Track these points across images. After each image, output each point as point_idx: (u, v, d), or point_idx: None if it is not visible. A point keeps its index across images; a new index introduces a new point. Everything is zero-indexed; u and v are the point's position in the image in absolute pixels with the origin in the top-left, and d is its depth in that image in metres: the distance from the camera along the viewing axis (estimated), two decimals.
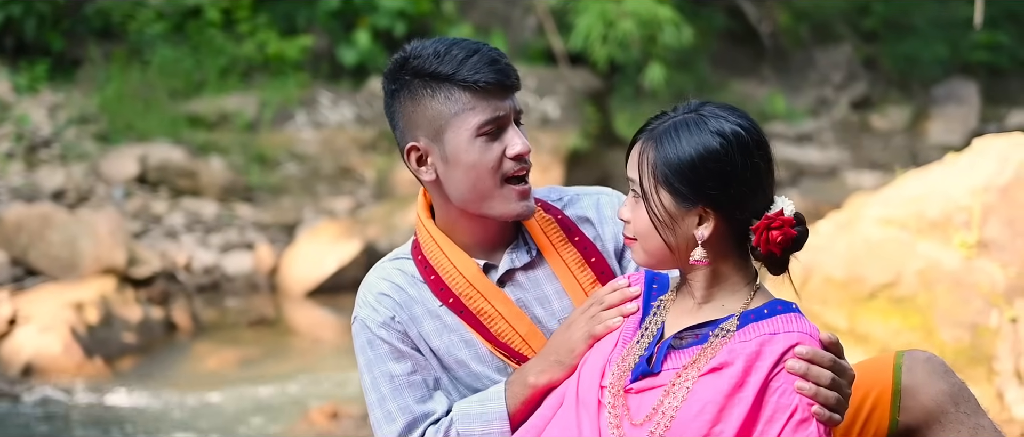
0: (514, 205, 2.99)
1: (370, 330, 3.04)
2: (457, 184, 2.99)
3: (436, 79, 2.95)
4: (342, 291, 11.12)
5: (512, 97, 3.00)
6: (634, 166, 2.74)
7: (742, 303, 2.73)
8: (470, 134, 2.95)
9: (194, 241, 11.71)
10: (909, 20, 19.82)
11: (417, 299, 3.06)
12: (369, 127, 14.77)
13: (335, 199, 13.37)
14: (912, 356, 2.95)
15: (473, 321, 3.04)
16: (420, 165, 3.03)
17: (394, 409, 3.00)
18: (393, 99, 3.05)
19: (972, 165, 6.83)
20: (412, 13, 16.01)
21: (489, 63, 2.94)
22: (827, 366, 2.64)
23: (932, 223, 6.61)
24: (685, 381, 2.66)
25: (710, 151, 2.67)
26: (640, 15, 14.24)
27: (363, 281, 3.12)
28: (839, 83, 19.19)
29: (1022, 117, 18.42)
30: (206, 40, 15.04)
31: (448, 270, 3.05)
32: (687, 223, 2.71)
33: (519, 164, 2.98)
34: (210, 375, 8.93)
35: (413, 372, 3.02)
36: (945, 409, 2.90)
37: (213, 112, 14.21)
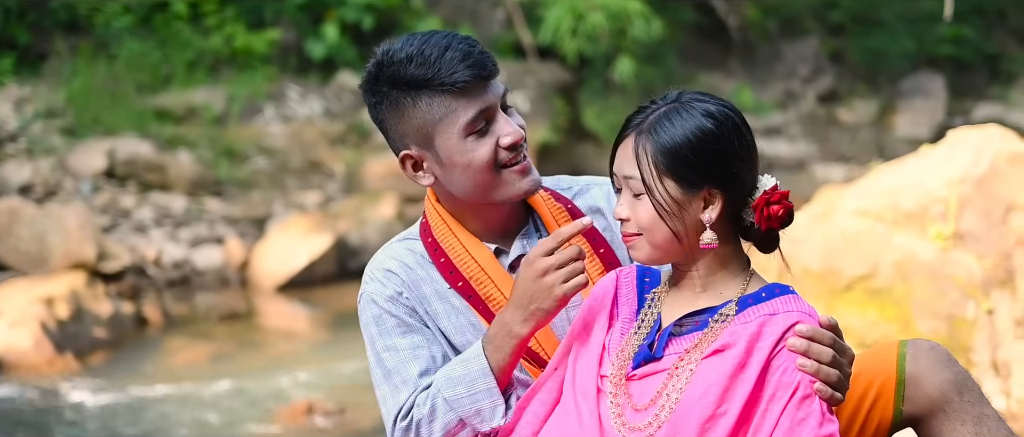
0: (518, 184, 2.97)
1: (377, 304, 3.01)
2: (457, 183, 2.99)
3: (413, 87, 2.92)
4: (313, 285, 11.09)
5: (493, 84, 2.95)
6: (630, 162, 2.74)
7: (739, 289, 2.75)
8: (459, 135, 2.93)
9: (163, 235, 11.64)
10: (876, 14, 19.90)
11: (426, 279, 3.04)
12: (338, 121, 14.72)
13: (304, 193, 13.31)
14: (916, 345, 2.95)
15: (481, 306, 3.02)
16: (416, 171, 3.02)
17: (398, 382, 2.97)
18: (376, 110, 3.02)
19: (947, 157, 6.84)
20: (380, 6, 15.96)
21: (463, 58, 2.89)
22: (827, 344, 2.64)
23: (908, 215, 6.62)
24: (688, 364, 2.67)
25: (706, 132, 2.70)
26: (610, 8, 14.25)
27: (371, 260, 3.10)
28: (806, 76, 19.23)
29: (988, 110, 18.51)
30: (173, 33, 14.95)
31: (459, 253, 3.03)
32: (693, 208, 2.72)
33: (514, 152, 2.96)
34: (182, 370, 8.87)
35: (419, 346, 2.99)
36: (949, 398, 2.89)
37: (181, 106, 14.13)
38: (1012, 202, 6.58)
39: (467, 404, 2.90)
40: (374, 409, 7.97)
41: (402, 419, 2.94)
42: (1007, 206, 6.56)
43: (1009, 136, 6.92)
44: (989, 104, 19.01)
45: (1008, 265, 6.47)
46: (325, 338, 10.07)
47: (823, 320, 2.67)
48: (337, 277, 11.34)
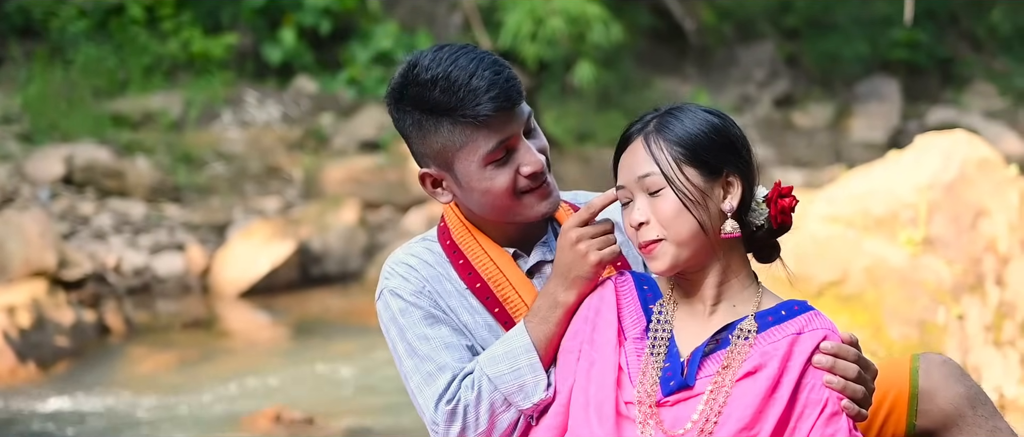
0: (537, 208, 2.98)
1: (402, 298, 2.99)
2: (476, 205, 3.00)
3: (436, 112, 2.91)
4: (276, 292, 11.04)
5: (517, 112, 2.93)
6: (644, 160, 2.75)
7: (753, 303, 2.75)
8: (479, 165, 2.92)
9: (123, 242, 11.55)
10: (830, 18, 19.99)
11: (444, 276, 3.03)
12: (296, 126, 14.67)
13: (264, 199, 13.25)
14: (928, 359, 2.96)
15: (498, 308, 3.01)
16: (435, 188, 3.03)
17: (433, 369, 2.94)
18: (400, 125, 3.02)
19: (916, 162, 6.88)
20: (337, 10, 15.93)
21: (488, 88, 2.86)
22: (852, 360, 2.67)
23: (878, 220, 6.64)
24: (723, 386, 2.67)
25: (714, 125, 2.77)
26: (569, 12, 14.26)
27: (389, 258, 3.09)
28: (762, 81, 19.30)
29: (942, 114, 18.64)
30: (129, 38, 14.86)
31: (478, 255, 3.03)
32: (715, 197, 2.73)
33: (535, 181, 2.95)
34: (147, 378, 8.79)
35: (449, 336, 2.98)
36: (962, 412, 2.90)
37: (137, 111, 14.04)
38: (981, 207, 6.62)
39: (510, 380, 2.88)
40: (342, 417, 7.94)
41: (446, 403, 2.90)
42: (976, 211, 6.61)
43: (977, 142, 6.97)
44: (943, 108, 19.14)
45: (978, 270, 6.51)
46: (289, 345, 10.01)
47: (845, 336, 2.69)
48: (299, 284, 11.29)
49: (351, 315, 10.68)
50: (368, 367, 9.08)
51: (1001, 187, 6.69)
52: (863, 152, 17.16)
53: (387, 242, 12.34)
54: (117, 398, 8.34)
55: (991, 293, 6.48)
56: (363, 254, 11.88)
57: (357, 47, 16.08)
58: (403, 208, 13.42)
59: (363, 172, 13.61)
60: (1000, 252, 6.56)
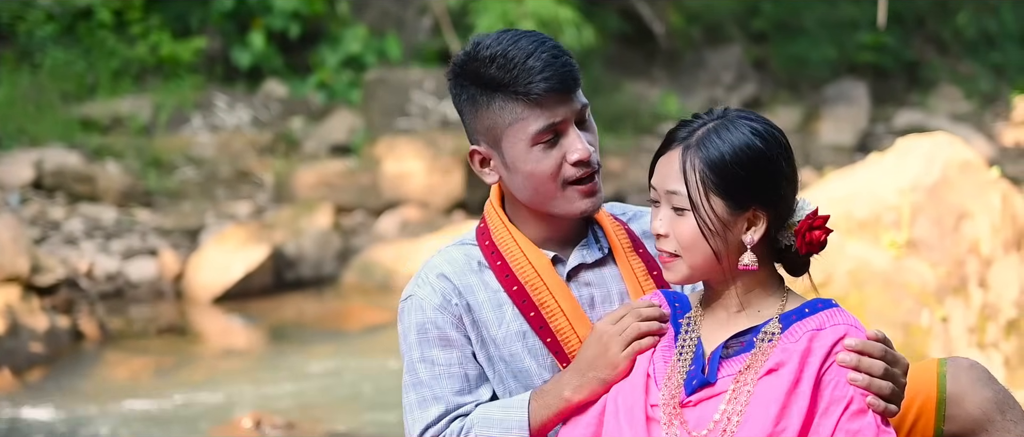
0: (578, 203, 2.94)
1: (424, 311, 2.97)
2: (519, 188, 2.96)
3: (490, 87, 2.90)
4: (250, 297, 10.97)
5: (573, 98, 2.91)
6: (675, 176, 2.71)
7: (778, 307, 2.73)
8: (527, 142, 2.89)
9: (95, 247, 11.46)
10: (798, 21, 20.04)
11: (479, 285, 3.00)
12: (266, 130, 14.61)
13: (235, 203, 13.18)
14: (955, 364, 2.93)
15: (533, 313, 2.97)
16: (483, 167, 3.00)
17: (429, 396, 2.95)
18: (457, 101, 3.01)
19: (898, 165, 6.90)
20: (306, 14, 15.87)
21: (544, 68, 2.86)
22: (878, 356, 2.64)
23: (861, 223, 6.66)
24: (745, 385, 2.65)
25: (755, 151, 2.68)
26: (541, 16, 14.25)
27: (424, 262, 3.06)
28: (730, 84, 19.32)
29: (909, 117, 18.71)
30: (98, 42, 14.77)
31: (517, 258, 3.00)
32: (737, 229, 2.70)
33: (581, 169, 2.92)
34: (123, 385, 8.73)
35: (457, 363, 2.97)
36: (991, 417, 2.88)
37: (106, 115, 13.96)
38: (963, 210, 6.65)
39: None
40: (322, 423, 7.91)
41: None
42: (959, 214, 6.63)
43: (958, 144, 7.01)
44: (910, 111, 19.21)
45: (961, 273, 6.53)
46: (264, 351, 9.96)
47: (870, 333, 2.66)
48: (274, 289, 11.24)
49: (326, 319, 10.64)
50: (345, 371, 9.05)
51: (983, 189, 6.72)
52: (831, 155, 17.22)
53: (361, 246, 12.30)
54: (93, 405, 8.28)
55: (974, 295, 6.51)
56: (337, 258, 11.83)
57: (326, 51, 16.03)
58: (376, 212, 13.38)
59: (335, 176, 13.56)
60: (983, 254, 6.59)
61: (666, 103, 18.12)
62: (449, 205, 13.61)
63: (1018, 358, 6.47)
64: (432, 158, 13.68)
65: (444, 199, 13.62)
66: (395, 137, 13.91)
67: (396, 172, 13.62)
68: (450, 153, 13.74)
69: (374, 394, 8.58)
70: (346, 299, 11.19)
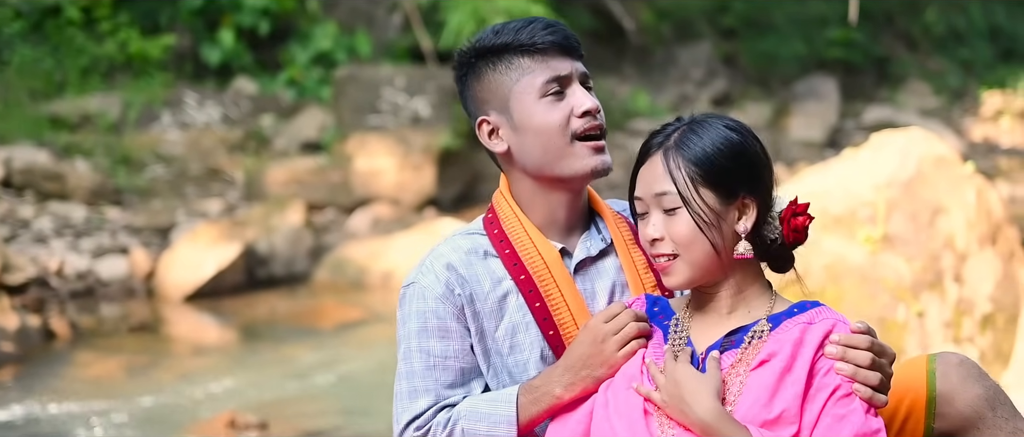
0: (588, 160, 2.99)
1: (425, 300, 3.00)
2: (529, 149, 3.00)
3: (495, 52, 3.01)
4: (222, 295, 10.92)
5: (574, 61, 3.02)
6: (661, 178, 2.77)
7: (767, 308, 2.79)
8: (534, 96, 2.97)
9: (65, 246, 11.38)
10: (767, 18, 20.10)
11: (483, 275, 3.02)
12: (236, 127, 14.54)
13: (205, 201, 13.12)
14: (945, 360, 2.93)
15: (538, 303, 3.00)
16: (491, 138, 3.05)
17: (420, 387, 2.98)
18: (463, 85, 3.09)
19: (873, 160, 6.91)
20: (276, 11, 15.82)
21: (545, 28, 3.00)
22: (863, 348, 2.69)
23: (836, 219, 6.66)
24: (737, 377, 2.70)
25: (734, 142, 2.78)
26: (512, 12, 14.22)
27: (431, 250, 3.08)
28: (700, 80, 19.36)
29: (879, 113, 18.76)
30: (66, 39, 14.68)
31: (526, 247, 3.03)
32: (729, 219, 2.77)
33: (588, 121, 2.97)
34: (95, 384, 8.66)
35: (453, 356, 3.00)
36: (982, 414, 2.87)
37: (75, 113, 13.87)
38: (938, 205, 6.65)
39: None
40: (296, 421, 7.87)
41: (415, 430, 2.97)
42: (934, 209, 6.64)
43: (933, 139, 7.01)
44: (879, 107, 19.27)
45: (936, 268, 6.54)
46: (237, 349, 9.90)
47: (854, 326, 2.72)
48: (246, 286, 11.18)
49: (299, 317, 10.59)
50: (319, 369, 9.01)
51: (958, 184, 6.73)
52: (801, 151, 17.26)
53: (333, 243, 12.26)
54: (65, 404, 8.21)
55: (950, 290, 6.51)
56: (309, 256, 11.79)
57: (296, 48, 15.97)
58: (347, 209, 13.34)
59: (305, 173, 13.51)
60: (958, 249, 6.60)
61: (637, 100, 18.12)
62: (420, 202, 13.58)
63: (994, 353, 6.48)
64: (403, 155, 13.65)
65: (415, 196, 13.59)
66: (366, 134, 13.87)
67: (367, 169, 13.59)
68: (421, 150, 13.71)
69: (348, 392, 8.55)
70: (318, 297, 11.14)
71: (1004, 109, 19.62)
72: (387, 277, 11.34)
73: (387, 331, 10.05)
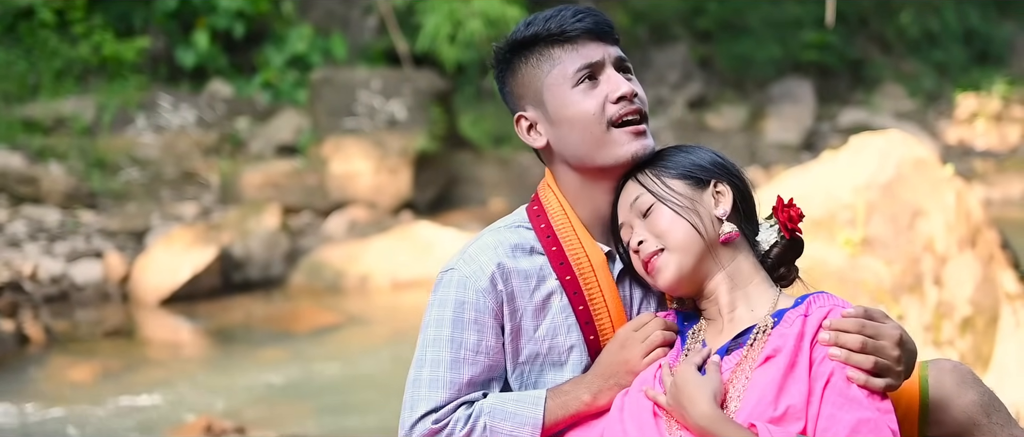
0: (629, 145, 2.91)
1: (466, 290, 2.92)
2: (568, 141, 2.94)
3: (527, 45, 2.96)
4: (197, 299, 10.86)
5: (608, 45, 2.96)
6: (634, 190, 2.85)
7: (770, 305, 2.79)
8: (567, 85, 2.91)
9: (39, 250, 11.30)
10: (742, 20, 20.11)
11: (531, 272, 2.96)
12: (211, 130, 14.47)
13: (180, 204, 13.06)
14: (938, 367, 2.90)
15: (582, 306, 2.95)
16: (529, 133, 3.00)
17: (444, 378, 2.89)
18: (501, 83, 3.04)
19: (852, 163, 6.88)
20: (251, 13, 15.76)
21: (574, 14, 2.93)
22: (854, 331, 2.66)
23: (816, 222, 6.63)
24: (743, 373, 2.70)
25: (687, 147, 2.94)
26: (488, 14, 14.20)
27: (475, 240, 3.01)
28: (675, 83, 19.38)
29: (854, 115, 18.82)
30: (40, 42, 14.59)
31: (575, 248, 2.97)
32: (705, 203, 2.82)
33: (624, 106, 2.90)
34: (70, 388, 8.59)
35: (483, 352, 2.92)
36: (977, 421, 2.85)
37: (49, 116, 13.79)
38: (918, 207, 6.64)
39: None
40: (273, 425, 7.82)
41: (433, 423, 2.87)
42: (913, 211, 6.62)
43: (912, 141, 6.99)
44: (854, 109, 19.32)
45: (916, 270, 6.52)
46: (213, 353, 9.84)
47: (848, 311, 2.70)
48: (222, 290, 11.12)
49: (275, 321, 10.54)
50: (295, 373, 8.96)
51: (937, 187, 6.72)
52: (777, 153, 17.29)
53: (309, 247, 12.21)
54: (39, 409, 8.16)
55: (929, 293, 6.50)
56: (285, 259, 11.73)
57: (271, 50, 15.93)
58: (323, 212, 13.29)
59: (281, 176, 13.46)
60: (938, 252, 6.58)
61: None
62: (397, 205, 13.54)
63: (973, 356, 6.47)
64: (379, 158, 13.61)
65: (392, 199, 13.55)
66: (342, 137, 13.83)
67: (343, 172, 13.54)
68: (397, 153, 13.67)
69: (324, 396, 8.50)
70: (294, 300, 11.09)
71: (979, 112, 19.68)
72: (363, 280, 11.30)
73: (363, 335, 10.03)
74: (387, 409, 6.21)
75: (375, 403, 8.16)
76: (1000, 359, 6.49)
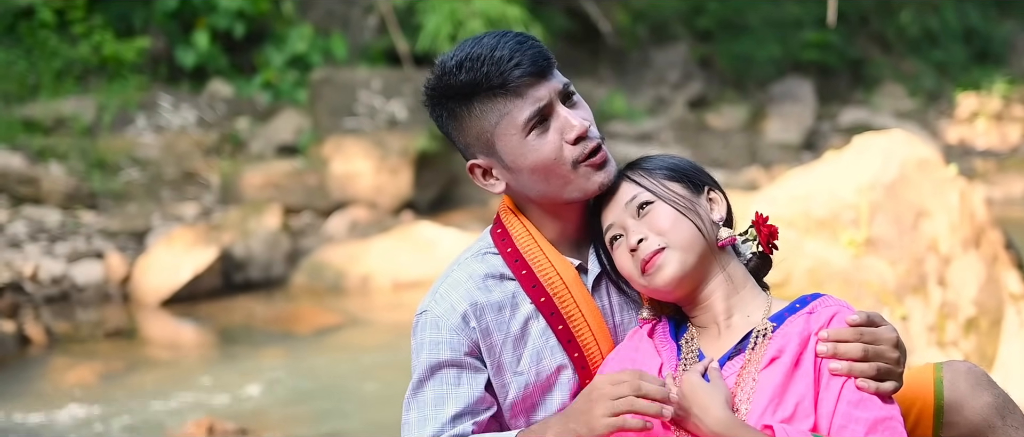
0: (595, 177, 2.87)
1: (439, 330, 2.90)
2: (529, 186, 2.89)
3: (465, 95, 2.84)
4: (198, 299, 10.85)
5: (549, 80, 2.85)
6: (629, 188, 2.86)
7: (764, 309, 2.80)
8: (519, 135, 2.83)
9: (39, 250, 11.28)
10: (743, 19, 20.09)
11: (504, 302, 2.92)
12: (212, 130, 14.46)
13: (181, 205, 13.04)
14: (953, 369, 2.89)
15: (561, 325, 2.92)
16: (487, 179, 2.93)
17: (430, 413, 2.87)
18: (440, 123, 2.95)
19: (856, 163, 6.87)
20: (251, 13, 15.73)
21: (512, 57, 2.80)
22: (853, 340, 2.66)
23: (819, 222, 6.63)
24: (749, 377, 2.71)
25: (677, 157, 2.95)
26: (489, 15, 14.19)
27: (445, 274, 2.97)
28: (676, 82, 19.35)
29: (854, 115, 18.80)
30: (40, 42, 14.57)
31: (544, 268, 2.93)
32: (703, 207, 2.84)
33: (584, 146, 2.85)
34: (71, 390, 8.57)
35: (464, 384, 2.89)
36: (992, 423, 2.84)
37: (49, 116, 13.77)
38: (922, 208, 6.63)
39: None
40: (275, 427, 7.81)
41: None
42: (917, 212, 6.61)
43: (916, 141, 6.99)
44: (855, 109, 19.30)
45: (920, 271, 6.51)
46: (214, 354, 9.83)
47: (851, 319, 2.70)
48: (222, 291, 11.11)
49: (276, 322, 10.53)
50: (297, 374, 8.95)
51: (941, 187, 6.71)
52: (778, 153, 17.27)
53: (310, 247, 12.19)
54: (41, 412, 8.14)
55: (933, 293, 6.49)
56: (286, 260, 11.71)
57: (272, 50, 15.90)
58: (324, 213, 13.28)
59: (282, 177, 13.44)
60: (942, 252, 6.57)
61: (613, 102, 18.10)
62: (398, 205, 13.53)
63: (977, 356, 6.45)
64: (380, 158, 13.59)
65: (392, 199, 13.54)
66: (342, 137, 13.81)
67: (344, 172, 13.53)
68: (398, 153, 13.66)
69: (325, 397, 8.49)
70: (295, 301, 11.07)
71: (979, 111, 19.67)
72: (365, 280, 11.29)
73: (364, 335, 10.02)
74: (388, 409, 6.19)
75: (376, 403, 8.15)
76: (1004, 359, 6.48)
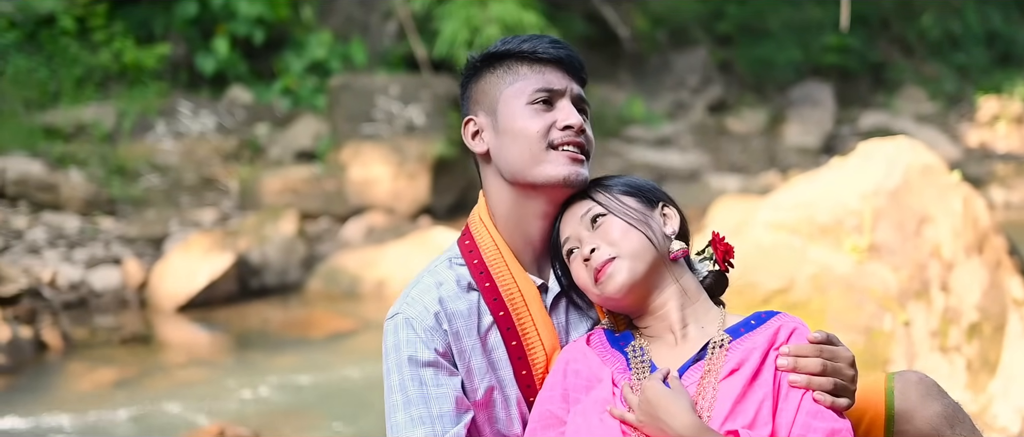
0: (563, 167, 2.98)
1: (413, 330, 2.98)
2: (507, 152, 3.00)
3: (498, 57, 3.06)
4: (214, 305, 10.91)
5: (572, 79, 3.04)
6: (583, 204, 2.95)
7: (719, 321, 2.87)
8: (522, 101, 3.00)
9: (58, 256, 11.38)
10: (762, 24, 20.09)
11: (468, 311, 3.02)
12: (231, 136, 14.54)
13: (200, 211, 13.12)
14: (904, 378, 2.93)
15: (515, 341, 3.01)
16: (474, 138, 3.07)
17: (416, 416, 2.95)
18: (463, 88, 3.12)
19: (860, 169, 6.91)
20: (271, 20, 15.82)
21: (552, 42, 3.04)
22: (813, 356, 2.74)
23: (823, 228, 6.66)
24: (710, 385, 2.75)
25: (642, 179, 3.04)
26: (505, 20, 14.23)
27: (415, 281, 3.07)
28: (695, 87, 19.36)
29: (874, 119, 18.77)
30: (61, 49, 14.68)
31: (507, 283, 3.03)
32: (655, 221, 2.93)
33: (569, 135, 2.99)
34: (87, 395, 8.65)
35: (444, 383, 2.97)
36: (941, 432, 2.88)
37: (70, 123, 13.87)
38: (925, 214, 6.65)
39: None
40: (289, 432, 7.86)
41: None
42: (920, 218, 6.64)
43: (920, 148, 7.01)
44: (875, 112, 19.28)
45: (923, 277, 6.53)
46: (230, 360, 9.89)
47: (812, 336, 2.77)
48: (238, 296, 11.17)
49: (292, 327, 10.58)
50: (312, 379, 9.00)
51: (944, 193, 6.73)
52: (797, 157, 17.27)
53: (326, 253, 12.26)
54: (57, 416, 8.21)
55: (936, 299, 6.51)
56: (302, 265, 11.78)
57: (291, 57, 15.98)
58: (341, 218, 13.34)
59: (300, 182, 13.52)
60: (945, 258, 6.60)
61: (632, 106, 18.13)
62: (415, 210, 13.58)
63: (980, 362, 6.48)
64: (398, 164, 13.66)
65: (410, 205, 13.60)
66: (360, 143, 13.88)
67: (362, 178, 13.59)
68: (416, 159, 13.71)
69: (340, 403, 8.54)
70: (311, 306, 11.13)
71: (1000, 114, 19.62)
72: (381, 286, 11.34)
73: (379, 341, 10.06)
74: None
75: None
76: (1007, 365, 6.50)
